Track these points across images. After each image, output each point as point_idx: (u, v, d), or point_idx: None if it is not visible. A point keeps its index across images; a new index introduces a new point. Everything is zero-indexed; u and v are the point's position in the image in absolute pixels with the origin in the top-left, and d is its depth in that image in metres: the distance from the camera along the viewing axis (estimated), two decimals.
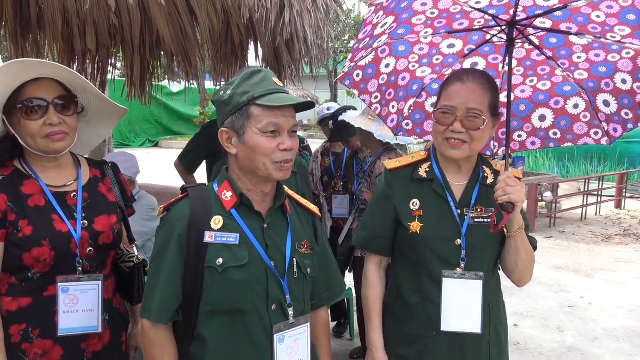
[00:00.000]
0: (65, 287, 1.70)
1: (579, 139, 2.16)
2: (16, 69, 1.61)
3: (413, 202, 1.85)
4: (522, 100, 2.21)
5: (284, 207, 1.59)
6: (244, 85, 1.47)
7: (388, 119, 2.24)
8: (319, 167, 3.97)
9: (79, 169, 1.84)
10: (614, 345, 4.40)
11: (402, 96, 2.20)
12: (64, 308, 1.70)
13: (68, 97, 1.72)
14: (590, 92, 2.10)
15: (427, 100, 2.22)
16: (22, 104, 1.64)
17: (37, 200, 1.70)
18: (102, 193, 1.86)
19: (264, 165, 1.46)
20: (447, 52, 2.14)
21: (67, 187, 1.78)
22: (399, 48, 2.11)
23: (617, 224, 9.28)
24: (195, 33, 4.20)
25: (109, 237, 1.79)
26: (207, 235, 1.46)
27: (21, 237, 1.64)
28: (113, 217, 1.84)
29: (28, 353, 1.67)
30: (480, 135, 1.75)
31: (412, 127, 2.26)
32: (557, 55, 2.08)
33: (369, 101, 2.19)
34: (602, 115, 2.10)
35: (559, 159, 13.15)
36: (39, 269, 1.67)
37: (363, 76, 2.14)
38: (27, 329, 1.67)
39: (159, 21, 3.94)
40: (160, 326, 1.47)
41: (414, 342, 1.83)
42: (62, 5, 3.97)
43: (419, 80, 2.18)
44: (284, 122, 1.45)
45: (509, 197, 1.67)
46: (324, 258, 1.70)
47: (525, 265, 1.81)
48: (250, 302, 1.46)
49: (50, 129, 1.66)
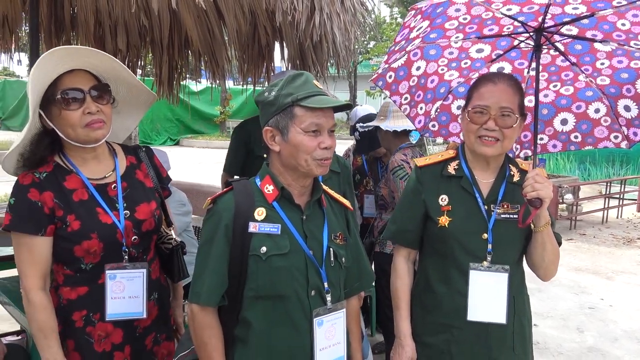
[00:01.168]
0: (113, 274, 1.79)
1: (600, 142, 2.22)
2: (52, 59, 1.66)
3: (442, 198, 1.92)
4: (545, 104, 2.28)
5: (320, 200, 1.69)
6: (288, 88, 1.57)
7: (416, 120, 2.32)
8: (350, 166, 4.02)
9: (116, 158, 1.90)
10: (635, 346, 4.40)
11: (430, 98, 2.28)
12: (111, 294, 1.79)
13: (101, 86, 1.77)
14: (612, 98, 2.15)
15: (453, 103, 2.30)
16: (60, 95, 1.69)
17: (81, 195, 1.77)
18: (139, 180, 1.92)
19: (306, 161, 1.55)
20: (476, 56, 2.21)
21: (107, 178, 1.83)
22: (430, 52, 2.19)
23: (638, 227, 9.19)
24: (222, 34, 4.31)
25: (150, 224, 1.87)
26: (252, 226, 1.56)
27: (70, 231, 1.72)
28: (153, 203, 1.90)
29: (93, 335, 1.78)
30: (512, 133, 1.82)
31: (438, 128, 2.35)
32: (581, 61, 2.15)
33: (399, 102, 2.27)
34: (622, 119, 2.16)
35: (581, 162, 13.04)
36: (90, 260, 1.76)
37: (395, 78, 2.23)
38: (88, 314, 1.77)
39: (187, 22, 4.05)
40: (208, 310, 1.57)
41: (441, 331, 1.91)
42: (95, 7, 4.10)
43: (446, 83, 2.26)
44: (324, 122, 1.55)
45: (537, 193, 1.73)
46: (356, 250, 1.79)
47: (552, 260, 1.87)
48: (291, 287, 1.55)
49: (90, 118, 1.71)
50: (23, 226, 1.69)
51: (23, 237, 1.70)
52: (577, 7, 1.85)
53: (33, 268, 1.71)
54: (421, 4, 1.95)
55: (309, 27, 2.80)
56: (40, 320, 1.69)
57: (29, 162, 1.76)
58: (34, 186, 1.72)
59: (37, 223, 1.70)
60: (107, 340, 1.80)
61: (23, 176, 1.74)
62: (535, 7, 1.87)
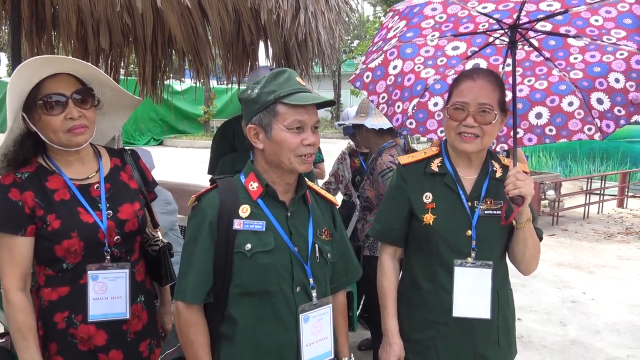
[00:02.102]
0: (95, 274, 1.78)
1: (574, 135, 2.26)
2: (34, 66, 1.66)
3: (426, 196, 1.94)
4: (520, 99, 2.31)
5: (305, 197, 1.70)
6: (271, 85, 1.57)
7: (393, 119, 2.34)
8: (348, 169, 3.96)
9: (100, 160, 1.90)
10: (616, 338, 4.49)
11: (407, 96, 2.30)
12: (93, 295, 1.78)
13: (85, 91, 1.77)
14: (585, 91, 2.20)
15: (429, 100, 2.33)
16: (42, 100, 1.69)
17: (63, 195, 1.77)
18: (123, 182, 1.92)
19: (289, 159, 1.56)
20: (451, 54, 2.24)
21: (90, 179, 1.83)
22: (407, 50, 2.21)
23: (619, 222, 9.36)
24: (206, 33, 4.29)
25: (134, 224, 1.86)
26: (236, 223, 1.57)
27: (50, 230, 1.72)
28: (136, 204, 1.90)
29: (76, 336, 1.76)
30: (491, 130, 1.84)
31: (415, 125, 2.37)
32: (555, 56, 2.19)
33: (376, 101, 2.29)
34: (595, 112, 2.20)
35: (562, 158, 13.21)
36: (72, 260, 1.75)
37: (372, 77, 2.24)
38: (70, 315, 1.76)
39: (170, 20, 4.02)
40: (193, 307, 1.57)
41: (427, 327, 1.93)
42: (77, 5, 4.06)
43: (422, 81, 2.29)
44: (307, 119, 1.56)
45: (519, 191, 1.75)
46: (342, 245, 1.81)
47: (532, 255, 1.91)
48: (277, 284, 1.57)
49: (72, 123, 1.71)
50: (3, 226, 1.69)
51: (3, 237, 1.70)
52: (551, 4, 1.88)
53: (13, 268, 1.70)
54: (399, 6, 1.97)
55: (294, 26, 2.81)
56: (19, 320, 1.69)
57: (13, 163, 1.76)
58: (15, 186, 1.71)
59: (17, 223, 1.69)
60: (90, 342, 1.78)
61: (4, 176, 1.73)
62: (510, 5, 1.90)
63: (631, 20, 1.90)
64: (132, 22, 4.18)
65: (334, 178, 4.01)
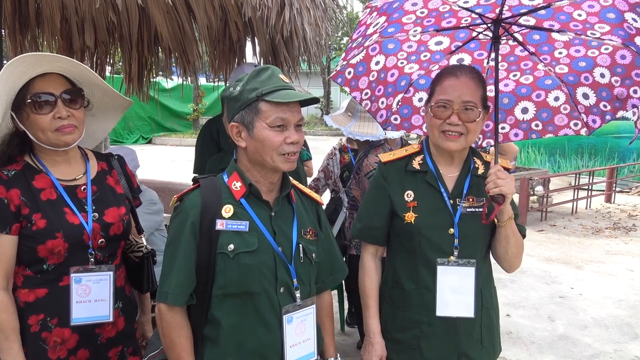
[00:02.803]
0: (78, 277, 1.76)
1: (560, 130, 2.26)
2: (24, 64, 1.65)
3: (407, 194, 1.93)
4: (506, 93, 2.31)
5: (289, 196, 1.68)
6: (253, 82, 1.55)
7: (377, 115, 2.33)
8: (337, 164, 3.96)
9: (87, 162, 1.89)
10: (603, 333, 4.52)
11: (390, 92, 2.29)
12: (76, 298, 1.76)
13: (75, 91, 1.77)
14: (570, 86, 2.19)
15: (414, 95, 2.32)
16: (30, 99, 1.68)
17: (49, 194, 1.75)
18: (110, 185, 1.92)
19: (271, 157, 1.54)
20: (435, 49, 2.22)
21: (77, 180, 1.83)
22: (389, 46, 2.19)
23: (607, 217, 9.43)
24: (193, 30, 4.25)
25: (119, 228, 1.85)
26: (219, 223, 1.55)
27: (35, 230, 1.70)
28: (122, 208, 1.89)
29: (48, 341, 1.73)
30: (475, 127, 1.84)
31: (400, 121, 2.36)
32: (540, 51, 2.18)
33: (359, 98, 2.28)
34: (581, 107, 2.19)
35: (551, 154, 13.31)
36: (54, 261, 1.73)
37: (354, 74, 2.23)
38: (45, 318, 1.73)
39: (156, 18, 3.98)
40: (176, 309, 1.55)
41: (410, 327, 1.92)
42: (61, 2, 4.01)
43: (406, 76, 2.27)
44: (290, 116, 1.54)
45: (499, 190, 1.75)
46: (327, 244, 1.80)
47: (515, 252, 1.90)
48: (260, 285, 1.55)
49: (60, 123, 1.71)
50: None
51: None
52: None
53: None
54: (376, 2, 1.95)
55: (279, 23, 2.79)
56: (2, 320, 1.66)
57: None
58: (1, 183, 1.70)
59: (2, 221, 1.68)
60: (63, 346, 1.75)
61: None
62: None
63: (614, 15, 1.89)
64: (117, 19, 4.13)
65: (323, 174, 3.99)
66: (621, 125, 12.12)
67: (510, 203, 1.91)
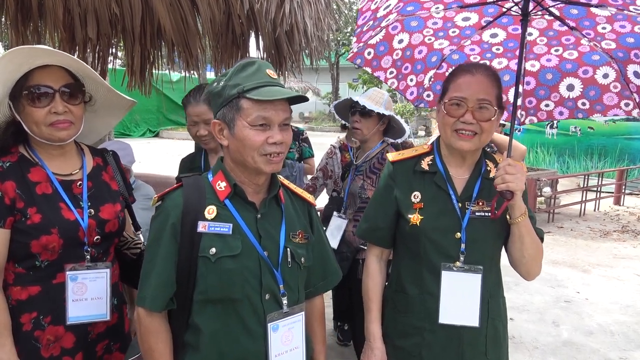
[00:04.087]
0: (74, 275, 1.72)
1: (609, 110, 2.11)
2: (25, 54, 1.61)
3: (414, 195, 1.86)
4: (549, 69, 2.18)
5: (277, 197, 1.60)
6: (236, 78, 1.47)
7: (407, 92, 2.26)
8: (338, 164, 3.80)
9: (84, 157, 1.86)
10: (609, 339, 4.43)
11: (420, 69, 2.21)
12: (72, 296, 1.72)
13: (75, 86, 1.72)
14: (620, 62, 2.04)
15: (447, 72, 2.20)
16: (28, 90, 1.64)
17: (45, 188, 1.71)
18: (105, 181, 1.88)
19: (252, 158, 1.46)
20: (463, 24, 2.13)
21: (73, 175, 1.79)
22: (412, 23, 2.11)
23: (615, 220, 9.31)
24: (196, 23, 4.19)
25: (114, 225, 1.82)
26: (201, 225, 1.47)
27: (30, 224, 1.65)
28: (117, 205, 1.86)
29: (40, 340, 1.69)
30: (490, 127, 1.75)
31: (433, 97, 2.27)
32: (581, 25, 2.03)
33: (384, 77, 2.21)
34: (633, 86, 2.04)
35: (560, 155, 13.15)
36: (47, 257, 1.68)
37: (375, 54, 2.16)
38: (38, 316, 1.69)
39: (160, 10, 3.94)
40: (154, 314, 1.48)
41: (412, 334, 1.85)
42: None
43: (438, 52, 2.19)
44: (273, 115, 1.45)
45: (507, 186, 1.67)
46: (320, 247, 1.71)
47: (532, 255, 1.78)
48: (243, 291, 1.47)
49: (55, 118, 1.67)
50: None
51: None
52: None
53: None
54: None
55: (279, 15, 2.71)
56: None
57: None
58: None
59: None
60: (57, 344, 1.71)
61: None
62: None
63: None
64: (120, 11, 4.09)
65: (321, 173, 3.87)
66: (632, 126, 11.95)
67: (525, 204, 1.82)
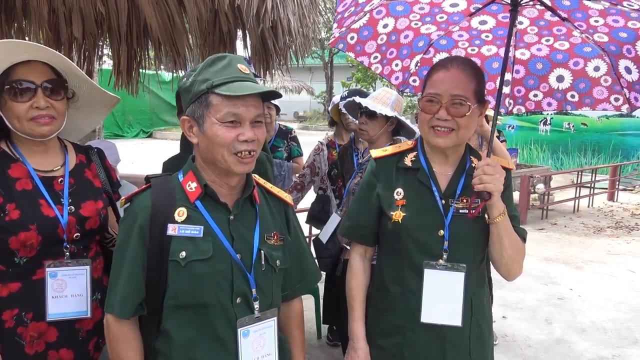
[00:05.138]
0: (54, 272, 1.71)
1: (598, 104, 2.08)
2: (6, 49, 1.61)
3: (397, 192, 1.82)
4: (539, 58, 2.14)
5: (252, 197, 1.55)
6: (205, 73, 1.42)
7: (392, 77, 2.21)
8: (325, 161, 3.78)
9: (66, 154, 1.85)
10: (602, 337, 4.41)
11: (406, 54, 2.17)
12: (52, 293, 1.70)
13: (58, 81, 1.72)
14: (613, 56, 2.01)
15: (435, 57, 2.19)
16: (10, 85, 1.65)
17: (25, 184, 1.71)
18: (88, 179, 1.87)
19: (222, 156, 1.41)
20: (451, 10, 2.08)
21: (54, 172, 1.79)
22: (397, 8, 2.07)
23: (609, 216, 9.30)
24: (183, 21, 4.14)
25: (95, 222, 1.81)
26: (170, 228, 1.42)
27: (8, 220, 1.64)
28: (99, 202, 1.85)
29: (24, 336, 1.68)
30: (467, 122, 1.72)
31: (419, 83, 2.22)
32: (573, 17, 1.99)
33: (367, 62, 2.16)
34: (623, 81, 2.01)
35: (553, 151, 13.15)
36: (25, 254, 1.67)
37: (358, 38, 2.11)
38: (20, 313, 1.68)
39: (146, 9, 3.89)
40: (123, 321, 1.44)
41: (394, 333, 1.81)
42: None
43: (425, 37, 2.15)
44: (244, 112, 1.40)
45: (484, 187, 1.64)
46: (297, 248, 1.66)
47: (512, 256, 1.75)
48: (214, 296, 1.42)
49: (37, 112, 1.67)
50: None
51: None
52: None
53: None
54: None
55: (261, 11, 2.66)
56: None
57: None
58: None
59: None
60: (40, 340, 1.70)
61: None
62: None
63: None
64: (105, 10, 4.05)
65: (309, 170, 3.84)
66: (626, 122, 11.96)
67: (509, 204, 1.78)
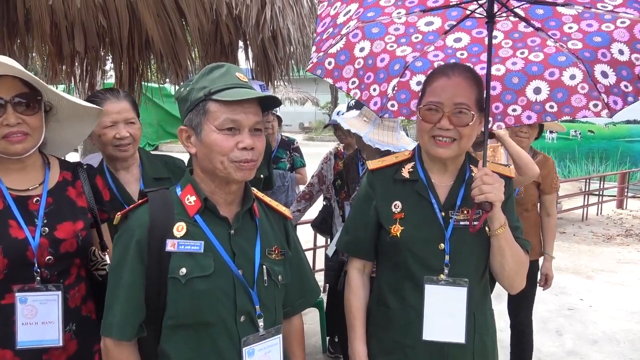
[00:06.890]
0: (24, 297, 1.62)
1: (578, 112, 2.03)
2: None
3: (395, 204, 1.76)
4: (515, 72, 2.11)
5: (252, 210, 1.50)
6: (203, 81, 1.39)
7: (370, 102, 2.16)
8: (331, 170, 3.76)
9: (47, 171, 1.76)
10: (614, 348, 4.31)
11: (383, 78, 2.12)
12: (22, 319, 1.62)
13: (30, 95, 1.63)
14: (587, 62, 1.97)
15: (411, 79, 2.14)
16: None
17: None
18: (69, 198, 1.78)
19: (222, 164, 1.37)
20: (426, 29, 2.04)
21: (30, 191, 1.70)
22: (372, 30, 2.03)
23: (618, 224, 9.18)
24: (184, 33, 4.14)
25: (71, 245, 1.71)
26: (169, 244, 1.37)
27: None
28: (79, 223, 1.75)
29: None
30: (470, 132, 1.67)
31: (397, 107, 2.17)
32: (547, 26, 1.96)
33: (346, 87, 2.12)
34: (600, 86, 1.97)
35: (561, 159, 13.04)
36: None
37: (336, 63, 2.07)
38: None
39: (147, 22, 3.89)
40: (123, 344, 1.38)
41: (394, 350, 1.75)
42: (50, 7, 3.92)
43: (400, 60, 2.10)
44: (243, 118, 1.37)
45: (485, 197, 1.58)
46: (297, 263, 1.61)
47: (514, 269, 1.70)
48: (217, 314, 1.37)
49: (8, 130, 1.59)
50: None
51: None
52: None
53: None
54: None
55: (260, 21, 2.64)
56: None
57: None
58: None
59: None
60: None
61: None
62: None
63: None
64: (107, 23, 4.05)
65: (317, 179, 3.80)
66: (633, 128, 11.85)
67: (511, 214, 1.73)
